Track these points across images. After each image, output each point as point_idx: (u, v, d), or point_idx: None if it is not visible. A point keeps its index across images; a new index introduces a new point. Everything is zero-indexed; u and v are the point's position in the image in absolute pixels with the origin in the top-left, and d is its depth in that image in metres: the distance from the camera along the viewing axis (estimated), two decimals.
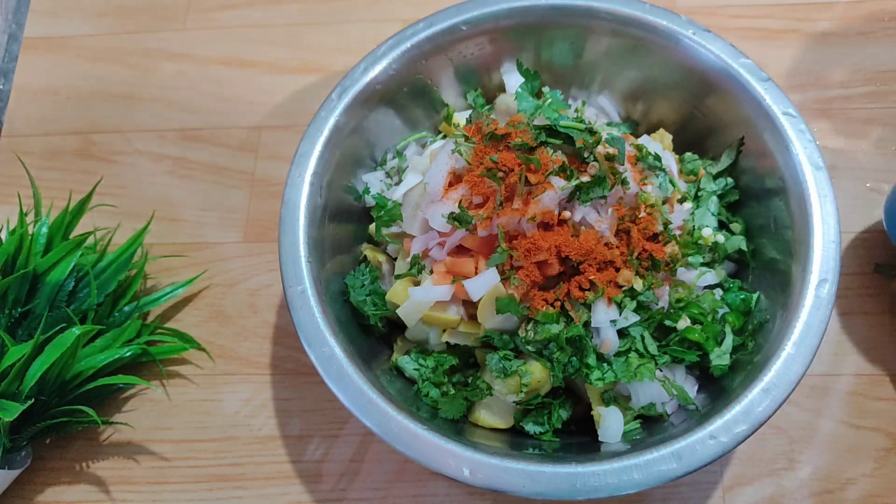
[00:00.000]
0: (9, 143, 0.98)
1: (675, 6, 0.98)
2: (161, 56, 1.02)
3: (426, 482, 0.77)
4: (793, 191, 0.68)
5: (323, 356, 0.63)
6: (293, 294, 0.66)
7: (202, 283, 0.88)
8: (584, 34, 0.77)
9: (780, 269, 0.68)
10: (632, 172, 0.67)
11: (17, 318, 0.76)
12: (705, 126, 0.77)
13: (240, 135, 0.96)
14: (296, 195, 0.69)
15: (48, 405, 0.74)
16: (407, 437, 0.60)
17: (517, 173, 0.63)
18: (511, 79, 0.81)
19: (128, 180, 0.94)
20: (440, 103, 0.82)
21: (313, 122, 0.72)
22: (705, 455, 0.58)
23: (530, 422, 0.68)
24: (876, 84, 0.92)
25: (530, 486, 0.58)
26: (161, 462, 0.80)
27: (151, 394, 0.83)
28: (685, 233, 0.72)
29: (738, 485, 0.75)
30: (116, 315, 0.81)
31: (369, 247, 0.77)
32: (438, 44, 0.76)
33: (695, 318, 0.68)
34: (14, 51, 1.05)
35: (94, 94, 1.00)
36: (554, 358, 0.64)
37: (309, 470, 0.78)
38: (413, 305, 0.66)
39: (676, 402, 0.67)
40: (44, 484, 0.79)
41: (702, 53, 0.73)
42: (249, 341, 0.85)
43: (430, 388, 0.69)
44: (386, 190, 0.78)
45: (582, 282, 0.63)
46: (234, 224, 0.91)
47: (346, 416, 0.80)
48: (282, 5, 1.04)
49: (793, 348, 0.61)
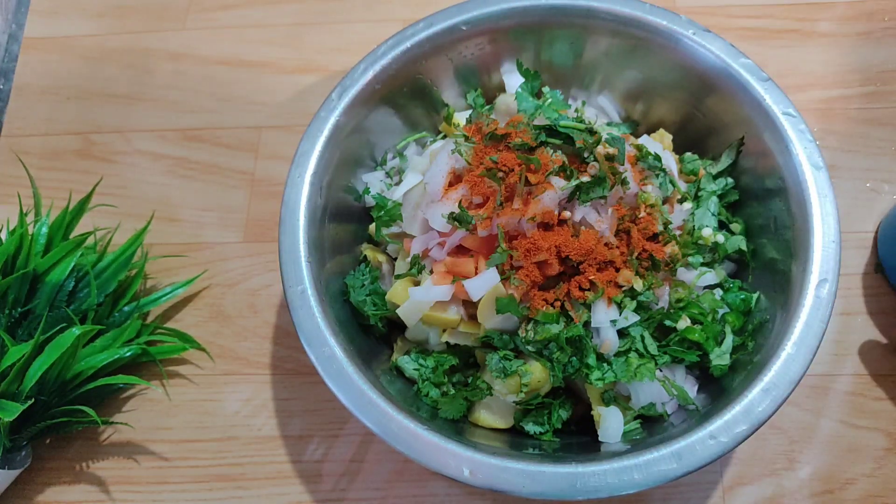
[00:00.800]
0: (9, 143, 0.98)
1: (675, 6, 0.98)
2: (161, 56, 1.02)
3: (426, 482, 0.77)
4: (793, 191, 0.68)
5: (323, 356, 0.63)
6: (293, 294, 0.66)
7: (202, 283, 0.88)
8: (584, 34, 0.77)
9: (780, 269, 0.68)
10: (632, 172, 0.67)
11: (17, 318, 0.76)
12: (705, 126, 0.77)
13: (240, 135, 0.96)
14: (296, 195, 0.69)
15: (48, 405, 0.74)
16: (407, 437, 0.60)
17: (517, 173, 0.63)
18: (511, 79, 0.81)
19: (128, 180, 0.94)
20: (440, 103, 0.82)
21: (313, 122, 0.72)
22: (705, 455, 0.58)
23: (530, 422, 0.68)
24: (876, 84, 0.92)
25: (530, 486, 0.58)
26: (161, 462, 0.80)
27: (151, 394, 0.83)
28: (685, 233, 0.72)
29: (738, 485, 0.75)
30: (116, 315, 0.81)
31: (369, 247, 0.77)
32: (438, 44, 0.76)
33: (695, 318, 0.68)
34: (14, 51, 1.05)
35: (94, 94, 1.00)
36: (554, 358, 0.64)
37: (309, 470, 0.78)
38: (413, 305, 0.66)
39: (676, 402, 0.67)
40: (44, 484, 0.79)
41: (702, 53, 0.73)
42: (249, 341, 0.85)
43: (430, 388, 0.69)
44: (386, 190, 0.78)
45: (582, 282, 0.63)
46: (234, 224, 0.91)
47: (346, 416, 0.80)
48: (282, 5, 1.04)
49: (793, 348, 0.61)
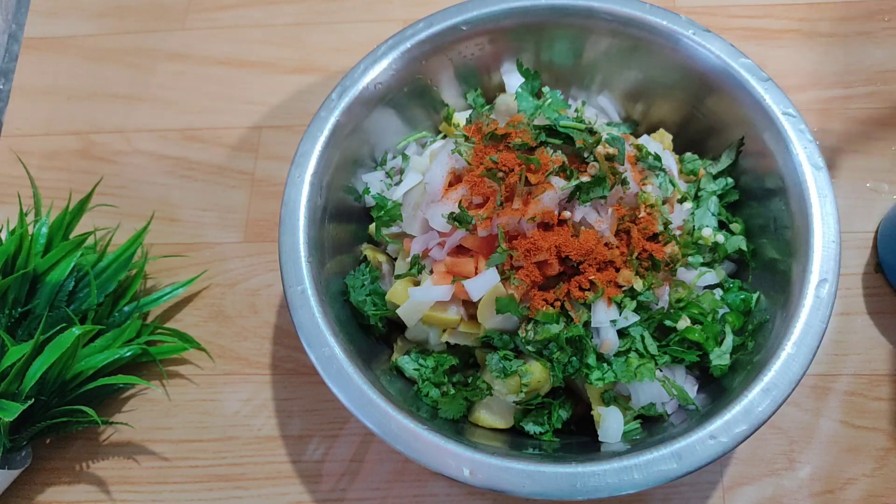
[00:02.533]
0: (9, 143, 0.98)
1: (675, 6, 0.98)
2: (161, 56, 1.02)
3: (426, 482, 0.77)
4: (793, 191, 0.68)
5: (323, 356, 0.63)
6: (293, 294, 0.66)
7: (202, 283, 0.88)
8: (584, 34, 0.77)
9: (780, 269, 0.68)
10: (632, 172, 0.67)
11: (17, 318, 0.76)
12: (705, 126, 0.77)
13: (240, 135, 0.96)
14: (296, 195, 0.69)
15: (48, 405, 0.74)
16: (407, 437, 0.60)
17: (517, 173, 0.63)
18: (511, 79, 0.81)
19: (128, 180, 0.94)
20: (440, 103, 0.82)
21: (313, 122, 0.72)
22: (705, 455, 0.58)
23: (530, 422, 0.68)
24: (876, 84, 0.92)
25: (530, 486, 0.58)
26: (161, 462, 0.80)
27: (151, 394, 0.83)
28: (685, 233, 0.72)
29: (738, 485, 0.75)
30: (116, 315, 0.81)
31: (369, 247, 0.77)
32: (438, 44, 0.76)
33: (695, 318, 0.68)
34: (14, 51, 1.05)
35: (94, 94, 1.00)
36: (554, 358, 0.64)
37: (309, 470, 0.78)
38: (413, 305, 0.66)
39: (676, 402, 0.67)
40: (44, 484, 0.79)
41: (702, 53, 0.73)
42: (249, 341, 0.85)
43: (430, 388, 0.69)
44: (386, 190, 0.78)
45: (582, 282, 0.63)
46: (234, 224, 0.91)
47: (346, 416, 0.80)
48: (282, 5, 1.04)
49: (793, 348, 0.61)
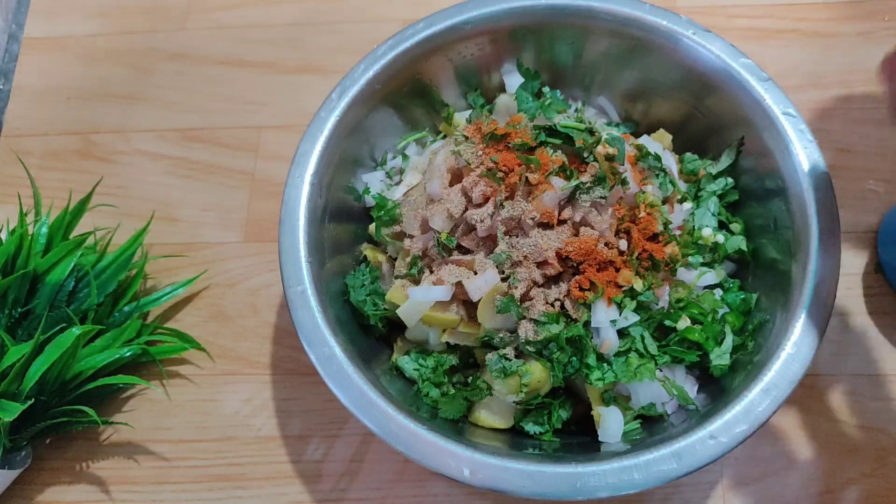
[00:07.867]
0: (9, 143, 0.98)
1: (675, 6, 0.98)
2: (161, 56, 1.02)
3: (426, 482, 0.77)
4: (793, 191, 0.68)
5: (323, 356, 0.63)
6: (293, 294, 0.66)
7: (202, 283, 0.88)
8: (584, 34, 0.77)
9: (780, 269, 0.68)
10: (632, 172, 0.67)
11: (17, 318, 0.76)
12: (705, 126, 0.77)
13: (240, 135, 0.96)
14: (296, 195, 0.69)
15: (48, 405, 0.74)
16: (407, 437, 0.60)
17: (517, 173, 0.63)
18: (511, 79, 0.81)
19: (128, 180, 0.94)
20: (440, 103, 0.82)
21: (313, 122, 0.72)
22: (705, 455, 0.58)
23: (530, 422, 0.68)
24: (876, 84, 0.92)
25: (530, 486, 0.58)
26: (161, 462, 0.80)
27: (151, 394, 0.83)
28: (685, 233, 0.72)
29: (738, 485, 0.75)
30: (116, 315, 0.81)
31: (369, 247, 0.77)
32: (438, 44, 0.76)
33: (695, 318, 0.68)
34: (14, 51, 1.05)
35: (94, 94, 1.00)
36: (554, 358, 0.64)
37: (309, 470, 0.78)
38: (413, 305, 0.66)
39: (676, 402, 0.67)
40: (44, 484, 0.79)
41: (702, 53, 0.73)
42: (249, 341, 0.85)
43: (430, 388, 0.69)
44: (386, 190, 0.78)
45: (582, 282, 0.63)
46: (234, 224, 0.91)
47: (346, 416, 0.80)
48: (282, 5, 1.04)
49: (793, 348, 0.61)
